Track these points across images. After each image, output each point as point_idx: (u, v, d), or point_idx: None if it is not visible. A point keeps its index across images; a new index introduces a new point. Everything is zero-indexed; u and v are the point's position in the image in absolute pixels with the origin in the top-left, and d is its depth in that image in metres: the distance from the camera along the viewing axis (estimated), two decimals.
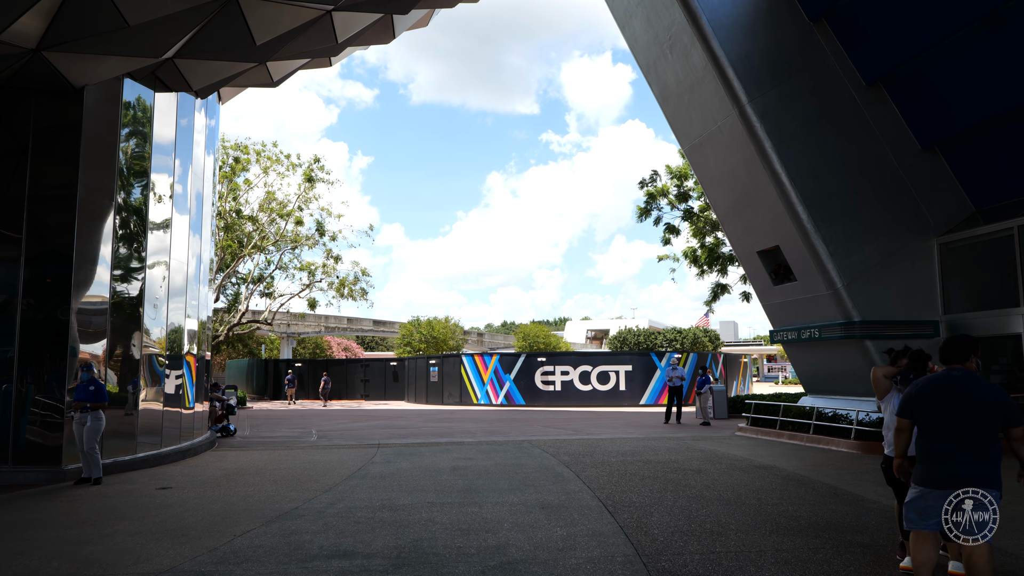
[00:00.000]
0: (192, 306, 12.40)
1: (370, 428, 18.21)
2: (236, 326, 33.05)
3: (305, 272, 33.76)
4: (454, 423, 20.00)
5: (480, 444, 13.63)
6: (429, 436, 15.59)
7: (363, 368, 38.53)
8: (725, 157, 13.99)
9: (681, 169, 25.99)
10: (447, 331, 56.75)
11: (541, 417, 22.61)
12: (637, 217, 26.70)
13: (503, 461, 10.96)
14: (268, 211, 31.51)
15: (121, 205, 10.38)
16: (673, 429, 17.49)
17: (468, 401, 31.04)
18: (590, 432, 16.52)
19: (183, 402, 11.95)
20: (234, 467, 10.51)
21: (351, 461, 11.14)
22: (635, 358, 30.92)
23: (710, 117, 13.83)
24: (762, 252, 14.40)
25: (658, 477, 9.30)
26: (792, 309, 14.24)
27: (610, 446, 13.05)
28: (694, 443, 13.56)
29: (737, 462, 10.75)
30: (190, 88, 11.40)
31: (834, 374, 13.92)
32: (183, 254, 11.88)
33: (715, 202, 15.23)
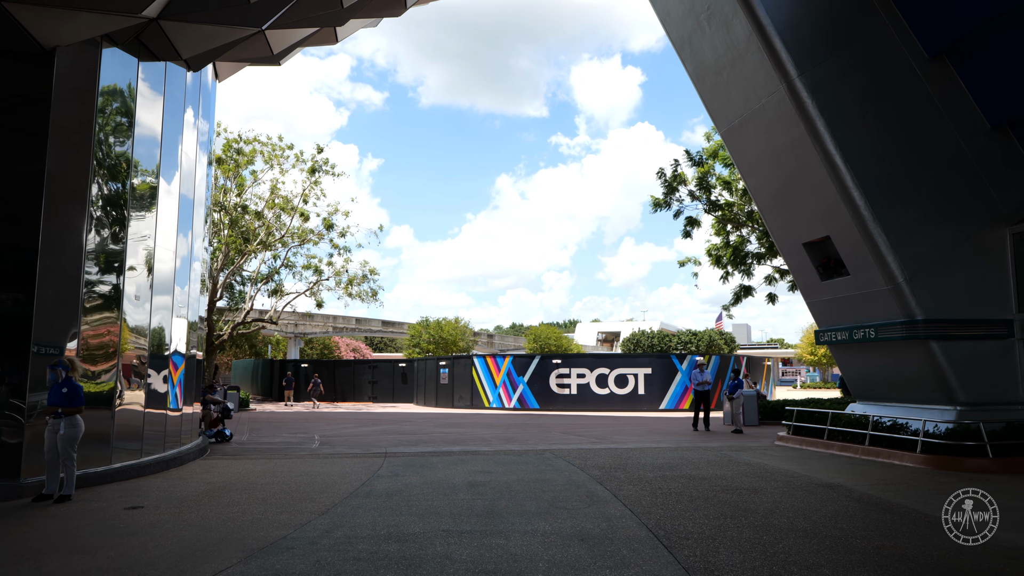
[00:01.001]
0: (181, 302, 11.21)
1: (377, 434, 16.99)
2: (240, 325, 31.95)
3: (312, 270, 32.63)
4: (466, 429, 18.74)
5: (497, 454, 12.36)
6: (441, 444, 14.34)
7: (371, 369, 37.37)
8: (769, 139, 12.65)
9: (707, 152, 24.56)
10: (457, 332, 55.53)
11: (558, 423, 21.31)
12: (652, 207, 25.27)
13: (526, 476, 9.68)
14: (273, 206, 30.40)
15: (98, 189, 9.19)
16: (704, 437, 16.15)
17: (479, 404, 29.77)
18: (614, 440, 15.21)
19: (168, 406, 10.75)
20: (222, 480, 9.29)
21: (354, 474, 9.89)
22: (654, 360, 29.56)
23: (753, 94, 12.50)
24: (809, 244, 13.05)
25: (709, 498, 7.99)
26: (843, 307, 12.87)
27: (642, 458, 11.74)
28: (734, 455, 12.22)
29: (794, 479, 9.42)
30: (179, 56, 10.22)
31: (891, 379, 12.54)
32: (170, 245, 10.69)
33: (755, 190, 13.89)
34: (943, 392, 11.76)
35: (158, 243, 10.18)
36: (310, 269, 32.49)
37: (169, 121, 10.54)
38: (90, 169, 8.92)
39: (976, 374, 11.59)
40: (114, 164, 9.44)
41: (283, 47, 11.57)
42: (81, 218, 8.89)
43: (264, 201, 30.96)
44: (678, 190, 24.90)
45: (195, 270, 11.89)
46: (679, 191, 24.93)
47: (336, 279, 32.23)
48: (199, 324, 12.38)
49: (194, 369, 11.97)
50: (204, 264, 13.12)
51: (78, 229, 8.84)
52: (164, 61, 10.12)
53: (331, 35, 12.60)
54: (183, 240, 11.21)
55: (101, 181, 9.21)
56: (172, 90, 10.51)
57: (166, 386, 10.59)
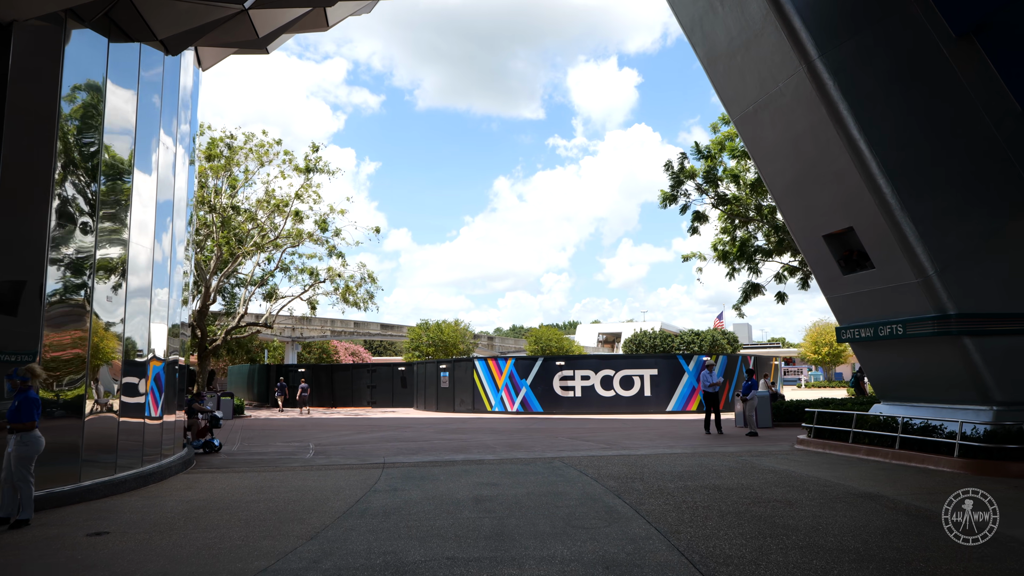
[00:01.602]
0: (160, 305, 10.44)
1: (375, 441, 16.21)
2: (234, 329, 31.14)
3: (307, 274, 31.83)
4: (469, 435, 17.97)
5: (503, 463, 11.58)
6: (442, 452, 13.56)
7: (369, 373, 36.58)
8: (787, 124, 11.92)
9: (714, 144, 23.86)
10: (457, 335, 54.74)
11: (563, 427, 20.54)
12: (661, 202, 24.55)
13: (536, 489, 8.90)
14: (266, 206, 29.60)
15: (63, 180, 8.41)
16: (718, 441, 15.39)
17: (481, 408, 28.99)
18: (625, 446, 14.44)
19: (146, 415, 9.96)
20: (203, 498, 8.50)
21: (349, 489, 9.11)
22: (660, 361, 28.80)
23: (769, 78, 11.77)
24: (830, 236, 12.30)
25: (741, 513, 7.22)
26: (866, 302, 12.12)
27: (658, 465, 10.97)
28: (756, 460, 11.46)
29: (828, 488, 8.65)
30: (154, 36, 9.45)
31: (920, 378, 11.79)
32: (147, 243, 9.91)
33: (771, 180, 13.14)
34: (977, 391, 11.01)
35: (133, 240, 9.40)
36: (305, 272, 31.71)
37: (145, 109, 9.77)
38: (53, 158, 8.14)
39: (1013, 371, 10.84)
40: (82, 154, 8.66)
41: (269, 30, 10.81)
42: (44, 211, 8.11)
43: (257, 202, 30.18)
44: (685, 183, 24.18)
45: (176, 270, 11.10)
46: (686, 185, 24.23)
47: (332, 284, 31.44)
48: (182, 328, 11.60)
49: (179, 375, 11.18)
50: (189, 263, 12.35)
51: (40, 224, 8.06)
52: (138, 42, 9.35)
53: (321, 19, 11.85)
54: (162, 238, 10.43)
55: (67, 172, 8.43)
56: (148, 75, 9.74)
57: (144, 394, 9.81)
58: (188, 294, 12.26)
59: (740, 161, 24.25)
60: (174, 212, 10.85)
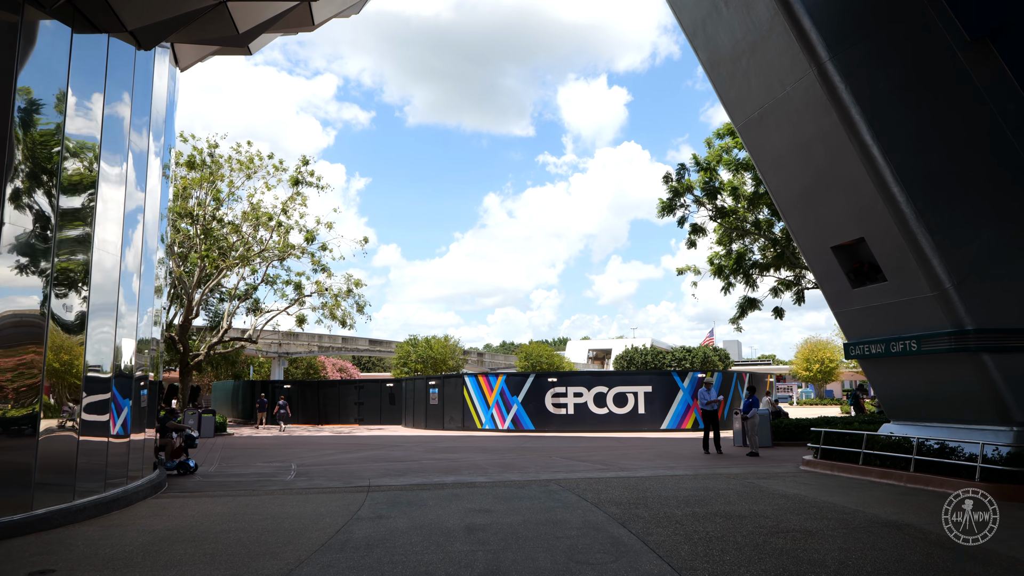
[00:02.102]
0: (128, 316, 9.70)
1: (361, 461, 15.42)
2: (218, 344, 30.23)
3: (292, 287, 31.02)
4: (459, 454, 17.21)
5: (496, 486, 10.87)
6: (431, 473, 12.82)
7: (357, 390, 35.69)
8: (795, 130, 11.43)
9: (712, 156, 23.45)
10: (446, 351, 53.88)
11: (557, 445, 19.81)
12: (659, 212, 24.09)
13: (533, 516, 8.20)
14: (252, 219, 28.85)
15: (16, 177, 7.72)
16: (718, 461, 14.74)
17: (471, 426, 28.19)
18: (623, 467, 13.76)
19: (110, 433, 9.18)
20: (168, 528, 7.74)
21: (330, 516, 8.37)
22: (654, 378, 28.18)
23: (776, 81, 11.30)
24: (839, 248, 11.78)
25: (760, 546, 6.57)
26: (878, 316, 11.58)
27: (661, 489, 10.30)
28: (763, 483, 10.82)
29: (848, 516, 8.02)
30: (124, 27, 8.81)
31: (934, 396, 11.22)
32: (114, 250, 9.20)
33: (777, 189, 12.64)
34: (996, 411, 10.46)
35: (97, 246, 8.68)
36: (290, 285, 30.91)
37: (113, 108, 9.11)
38: (4, 153, 7.43)
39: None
40: (39, 153, 7.97)
41: (250, 25, 10.21)
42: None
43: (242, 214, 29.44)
44: (684, 195, 23.74)
45: (147, 282, 10.37)
46: (684, 197, 23.78)
47: (319, 298, 30.64)
48: (152, 343, 10.85)
49: (144, 392, 10.41)
50: (163, 275, 11.62)
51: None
52: (105, 33, 8.70)
53: (306, 16, 11.27)
54: (130, 249, 9.72)
55: (20, 169, 7.73)
56: (117, 71, 9.08)
57: (107, 411, 9.04)
58: (161, 307, 11.51)
59: (736, 174, 23.89)
60: (144, 221, 10.15)
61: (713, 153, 23.86)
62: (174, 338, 29.46)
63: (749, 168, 23.23)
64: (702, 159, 23.72)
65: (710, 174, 23.71)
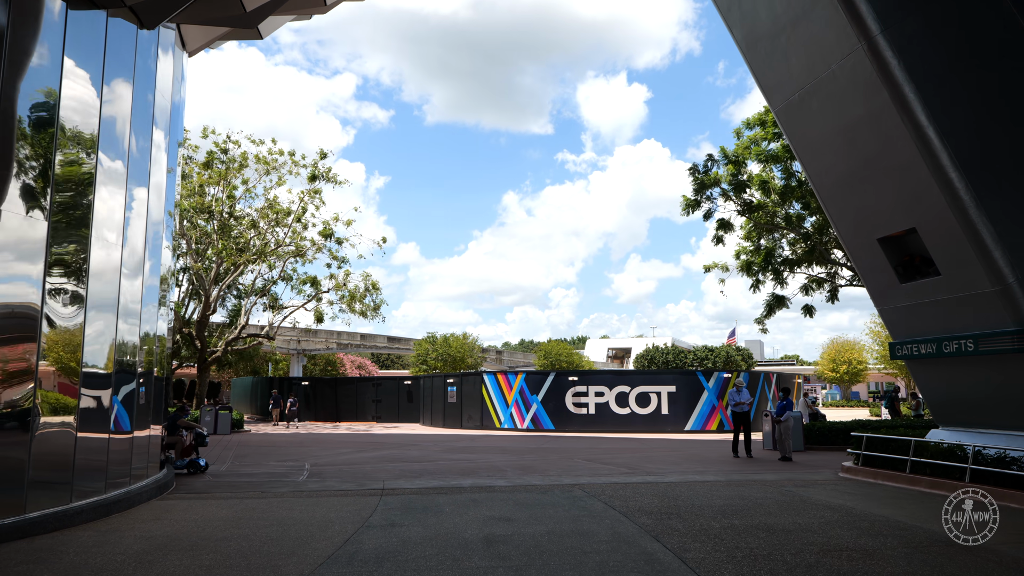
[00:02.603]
0: (131, 309, 9.24)
1: (376, 461, 14.90)
2: (235, 341, 30.00)
3: (309, 284, 30.66)
4: (477, 454, 16.63)
5: (516, 490, 10.25)
6: (448, 475, 12.25)
7: (374, 387, 35.30)
8: (840, 113, 10.65)
9: (740, 148, 22.58)
10: (465, 348, 53.43)
11: (578, 447, 19.15)
12: (683, 209, 23.30)
13: (558, 527, 7.57)
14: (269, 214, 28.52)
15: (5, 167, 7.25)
16: (750, 466, 13.99)
17: (490, 425, 27.61)
18: (648, 470, 13.07)
19: (111, 429, 8.71)
20: (167, 534, 7.23)
21: (339, 523, 7.82)
22: (679, 378, 27.37)
23: (820, 59, 10.53)
24: (887, 239, 10.98)
25: (812, 567, 5.87)
26: (928, 313, 10.77)
27: (693, 497, 9.60)
28: (803, 492, 10.07)
29: (907, 532, 7.27)
30: (122, 3, 8.32)
31: (991, 400, 10.39)
32: (114, 239, 8.73)
33: (818, 177, 11.84)
34: None
35: (95, 237, 8.21)
36: (307, 283, 30.54)
37: (113, 91, 8.63)
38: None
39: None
40: (31, 138, 7.49)
41: (258, 3, 9.68)
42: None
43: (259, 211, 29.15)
44: (710, 189, 22.91)
45: (152, 273, 9.90)
46: (710, 191, 22.96)
47: (336, 292, 30.26)
48: (160, 337, 10.39)
49: (149, 388, 9.95)
50: (171, 263, 11.16)
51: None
52: (103, 9, 8.22)
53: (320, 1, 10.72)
54: (134, 235, 9.25)
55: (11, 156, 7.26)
56: (118, 50, 8.60)
57: (109, 408, 8.57)
58: (169, 301, 11.06)
59: (766, 167, 23.03)
60: (148, 212, 9.67)
61: (741, 145, 23.00)
62: (192, 334, 29.28)
63: (780, 160, 22.37)
64: (730, 151, 22.87)
65: (738, 167, 22.86)
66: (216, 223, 27.37)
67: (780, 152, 22.08)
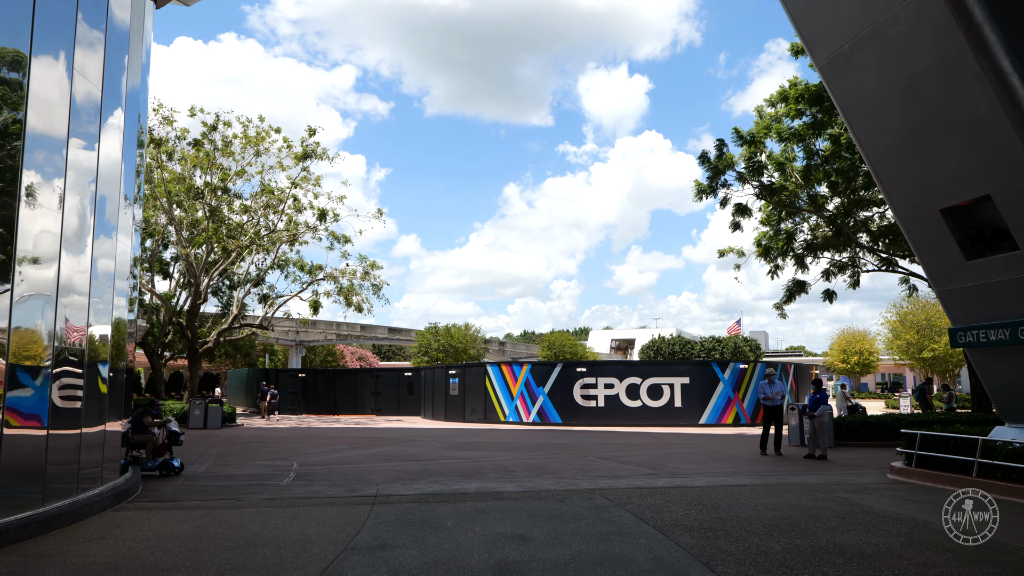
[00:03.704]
0: (76, 288, 7.89)
1: (372, 460, 13.60)
2: (226, 331, 28.69)
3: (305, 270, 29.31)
4: (482, 452, 15.33)
5: (529, 497, 8.92)
6: (450, 477, 10.94)
7: (374, 379, 33.99)
8: (901, 63, 9.24)
9: (758, 128, 21.15)
10: (467, 339, 52.15)
11: (590, 442, 17.85)
12: (696, 195, 21.93)
13: (584, 549, 6.24)
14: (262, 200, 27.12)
15: None
16: (783, 465, 12.67)
17: (494, 418, 26.32)
18: (673, 471, 11.76)
19: (50, 429, 7.39)
20: (104, 561, 5.91)
21: (318, 543, 6.49)
22: (692, 368, 26.03)
23: (878, 1, 9.11)
24: (951, 210, 9.59)
25: None
26: (1001, 295, 9.40)
27: (734, 506, 8.27)
28: (860, 500, 8.73)
29: (1018, 554, 5.93)
30: None
31: None
32: (51, 203, 7.37)
33: (869, 140, 10.44)
34: None
35: (25, 205, 6.83)
36: (302, 268, 29.19)
37: (50, 31, 7.25)
38: None
39: None
40: None
41: None
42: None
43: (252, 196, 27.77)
44: (724, 174, 21.48)
45: (104, 254, 8.54)
46: (726, 175, 21.52)
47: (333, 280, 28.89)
48: (121, 321, 9.04)
49: (103, 380, 8.61)
50: (133, 241, 9.80)
51: None
52: None
53: None
54: (83, 210, 7.88)
55: None
56: None
57: (42, 401, 7.23)
58: (132, 277, 9.72)
59: (787, 146, 21.60)
60: (99, 180, 8.29)
61: (761, 124, 21.53)
62: (182, 324, 27.98)
63: (802, 138, 20.95)
64: (744, 132, 21.37)
65: (756, 147, 21.40)
66: (207, 207, 25.98)
67: (802, 129, 20.67)
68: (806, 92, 20.10)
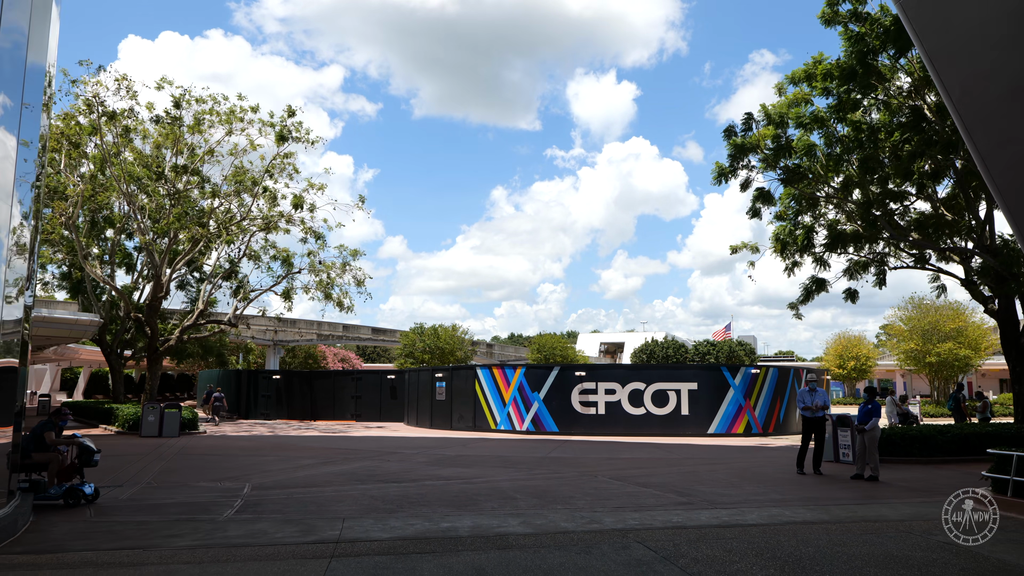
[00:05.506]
0: None
1: (342, 481, 11.31)
2: (191, 328, 26.19)
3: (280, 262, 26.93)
4: (474, 468, 13.09)
5: (542, 546, 6.68)
6: (436, 507, 8.68)
7: (355, 382, 31.56)
8: None
9: (780, 107, 19.11)
10: (454, 341, 49.77)
11: (595, 456, 15.65)
12: (715, 178, 19.91)
13: None
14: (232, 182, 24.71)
15: None
16: (838, 490, 10.56)
17: (484, 426, 24.04)
18: (709, 499, 9.58)
19: None
20: None
21: None
22: (701, 373, 23.95)
23: None
24: None
25: None
26: None
27: (819, 559, 6.09)
28: (978, 549, 6.59)
29: None
30: None
31: None
32: None
33: (965, 90, 8.31)
34: None
35: None
36: (278, 260, 26.81)
37: None
38: None
39: None
40: None
41: None
42: None
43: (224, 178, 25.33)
44: (748, 156, 19.44)
45: None
46: (748, 156, 19.48)
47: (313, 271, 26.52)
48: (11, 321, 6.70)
49: None
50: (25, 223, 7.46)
51: None
52: None
53: None
54: None
55: None
56: None
57: None
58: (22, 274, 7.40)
59: (805, 132, 19.59)
60: None
61: (784, 103, 19.48)
62: (140, 319, 25.45)
63: (824, 123, 18.98)
64: (771, 109, 19.35)
65: (780, 128, 19.39)
66: (171, 188, 23.51)
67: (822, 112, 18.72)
68: (835, 69, 18.06)
